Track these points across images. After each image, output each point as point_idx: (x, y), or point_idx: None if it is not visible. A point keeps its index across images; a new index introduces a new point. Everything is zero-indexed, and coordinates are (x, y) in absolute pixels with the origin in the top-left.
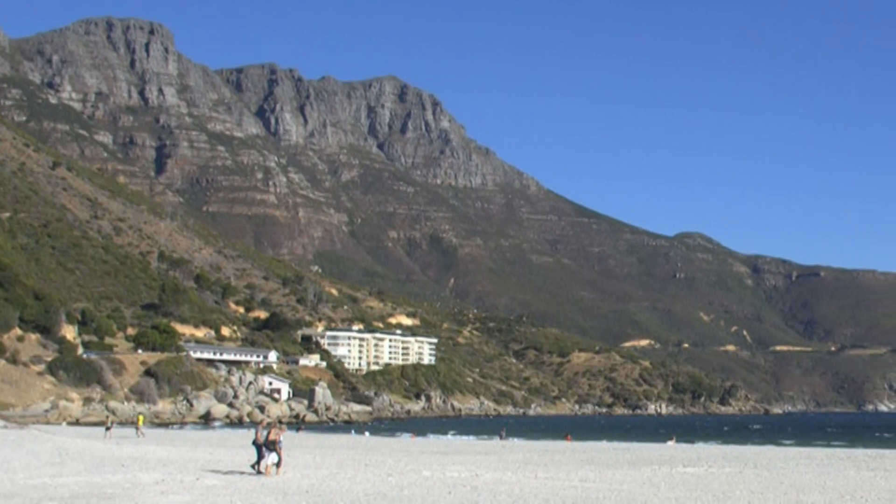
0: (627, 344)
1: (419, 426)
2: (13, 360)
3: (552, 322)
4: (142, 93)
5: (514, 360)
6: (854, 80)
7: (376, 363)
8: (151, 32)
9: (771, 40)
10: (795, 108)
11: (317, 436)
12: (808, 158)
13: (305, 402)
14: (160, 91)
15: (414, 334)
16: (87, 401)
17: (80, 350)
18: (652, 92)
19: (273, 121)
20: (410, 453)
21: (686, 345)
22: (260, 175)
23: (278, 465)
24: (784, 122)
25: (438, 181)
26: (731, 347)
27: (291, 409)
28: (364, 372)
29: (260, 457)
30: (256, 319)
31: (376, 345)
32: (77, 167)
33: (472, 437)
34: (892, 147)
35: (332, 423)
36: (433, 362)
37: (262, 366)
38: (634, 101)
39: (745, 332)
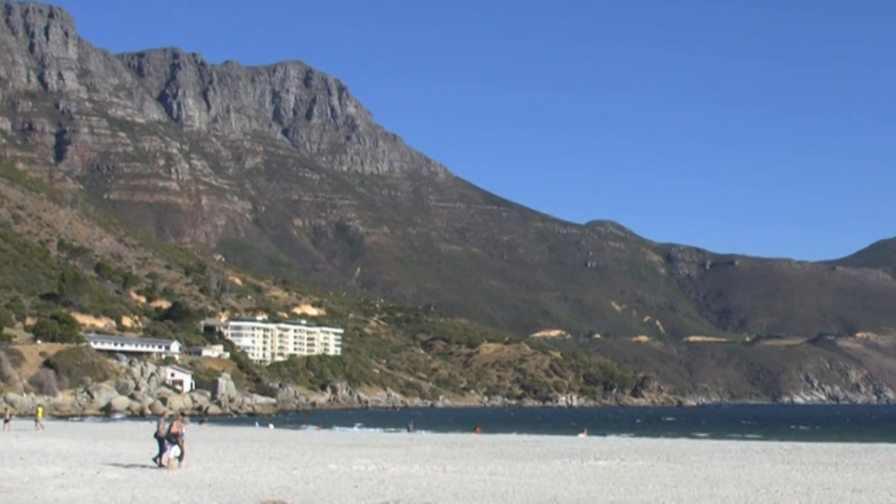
0: (538, 334)
1: (325, 418)
2: None
3: (461, 312)
4: (41, 77)
5: (421, 351)
6: (774, 66)
7: (281, 354)
8: (51, 16)
9: (689, 22)
10: (708, 94)
11: (220, 428)
12: (723, 145)
13: (208, 393)
14: (60, 76)
15: (319, 324)
16: None
17: None
18: (562, 77)
19: (175, 106)
20: (316, 446)
21: (598, 335)
22: (162, 162)
23: (181, 458)
24: (697, 108)
25: (344, 168)
26: (643, 338)
27: (194, 401)
28: (268, 363)
29: (162, 450)
30: (158, 309)
31: (281, 335)
32: None
33: (378, 430)
34: (809, 135)
35: (235, 416)
36: (339, 353)
37: (164, 357)
38: (544, 87)
39: (658, 323)
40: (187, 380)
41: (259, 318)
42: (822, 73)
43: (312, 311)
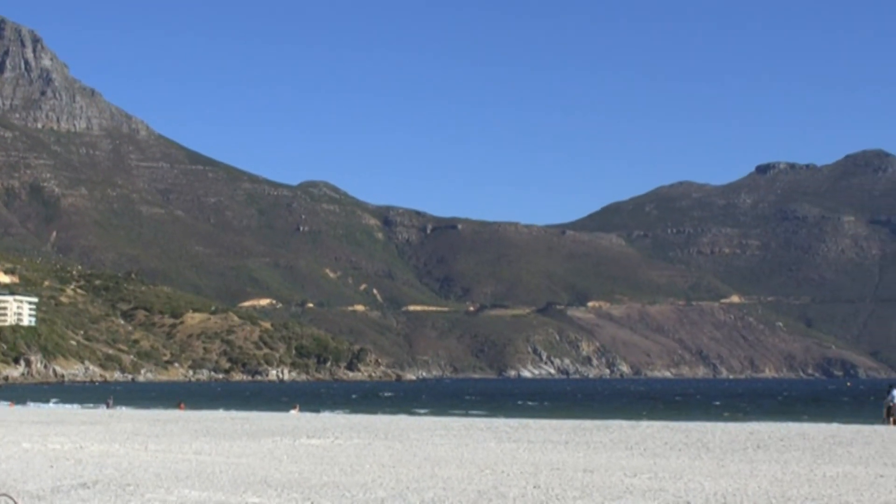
0: (246, 303)
1: (18, 393)
2: None
3: (164, 280)
4: None
5: (122, 322)
6: (495, 19)
7: None
8: None
9: None
10: (428, 47)
11: None
12: (444, 101)
13: None
14: None
15: (12, 293)
16: None
17: None
18: (270, 28)
19: None
20: (7, 423)
21: (311, 304)
22: None
23: None
24: (416, 61)
25: (39, 125)
26: (359, 307)
27: None
28: None
29: None
30: None
31: None
32: None
33: (76, 406)
34: (535, 92)
35: None
36: (33, 323)
37: None
38: (251, 39)
39: (375, 291)
40: None
41: None
42: (548, 26)
43: (4, 279)
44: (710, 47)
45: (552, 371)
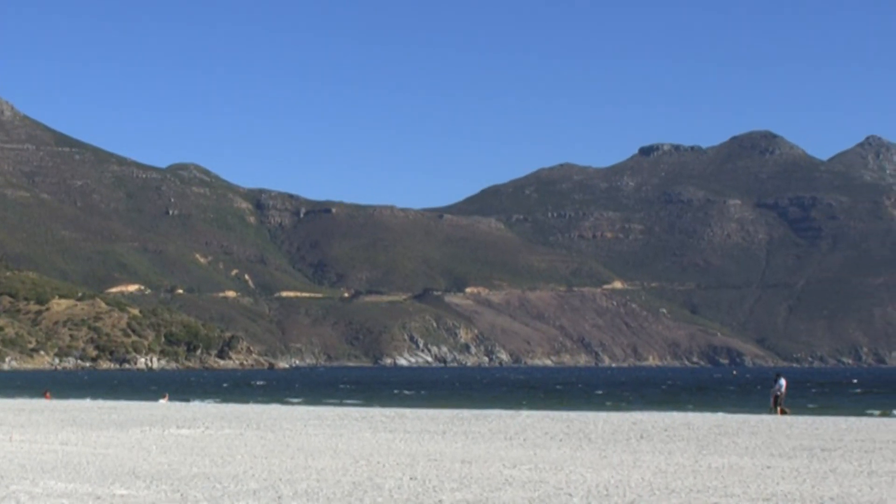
0: (114, 289)
1: None
2: None
3: (29, 265)
4: None
5: None
6: None
7: None
8: None
9: None
10: (301, 24)
11: None
12: (316, 82)
13: None
14: None
15: None
16: None
17: None
18: (135, 4)
19: None
20: None
21: (180, 290)
22: None
23: None
24: (285, 39)
25: None
26: (231, 293)
27: None
28: None
29: None
30: None
31: None
32: None
33: None
34: (410, 72)
35: None
36: None
37: None
38: (116, 15)
39: (246, 276)
40: None
41: None
42: (424, 5)
43: None
44: (590, 25)
45: (429, 359)
